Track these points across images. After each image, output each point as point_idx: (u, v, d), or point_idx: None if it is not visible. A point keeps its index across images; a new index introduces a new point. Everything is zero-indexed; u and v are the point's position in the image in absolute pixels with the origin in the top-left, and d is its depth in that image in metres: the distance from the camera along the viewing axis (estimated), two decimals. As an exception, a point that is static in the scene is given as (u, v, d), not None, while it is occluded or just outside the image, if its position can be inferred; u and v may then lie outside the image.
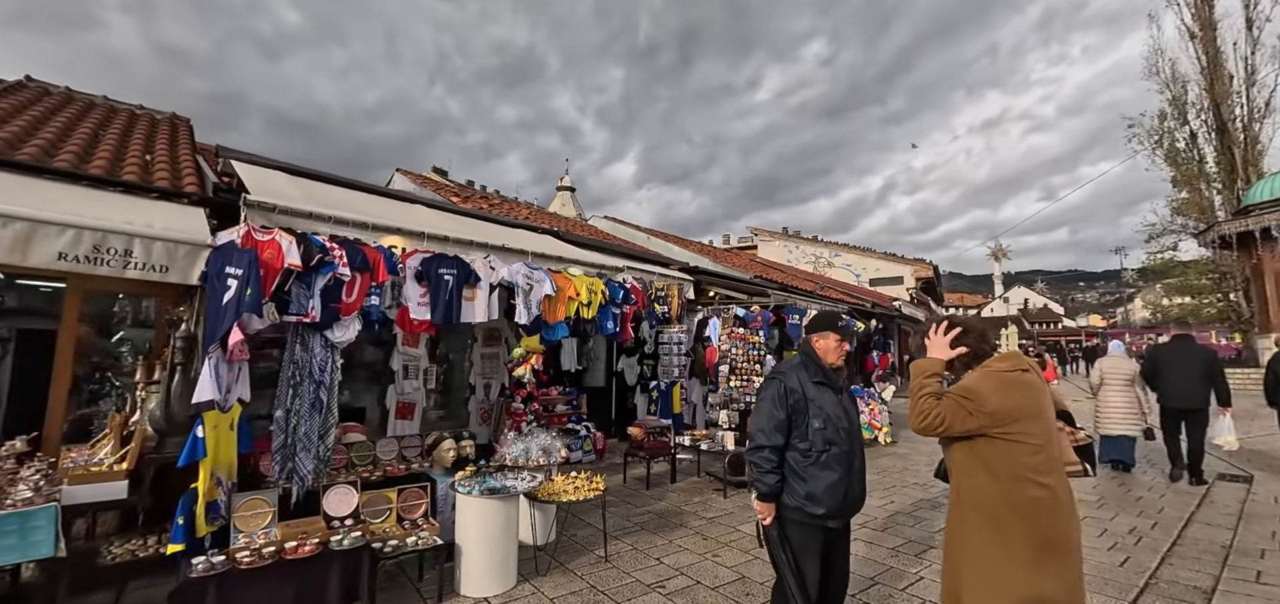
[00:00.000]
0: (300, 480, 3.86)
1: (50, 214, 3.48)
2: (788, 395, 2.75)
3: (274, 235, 3.74)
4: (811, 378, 2.82)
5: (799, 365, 2.89)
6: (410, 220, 4.83)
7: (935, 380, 2.40)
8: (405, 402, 7.24)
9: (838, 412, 2.78)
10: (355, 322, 4.07)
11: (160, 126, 7.73)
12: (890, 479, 7.53)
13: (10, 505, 3.03)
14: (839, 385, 2.89)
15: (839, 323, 3.00)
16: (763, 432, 2.75)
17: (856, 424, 2.87)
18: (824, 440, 2.70)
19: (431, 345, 8.36)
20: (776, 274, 15.45)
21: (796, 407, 2.74)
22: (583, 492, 4.47)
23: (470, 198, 10.37)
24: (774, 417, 2.73)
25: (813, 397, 2.76)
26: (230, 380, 3.60)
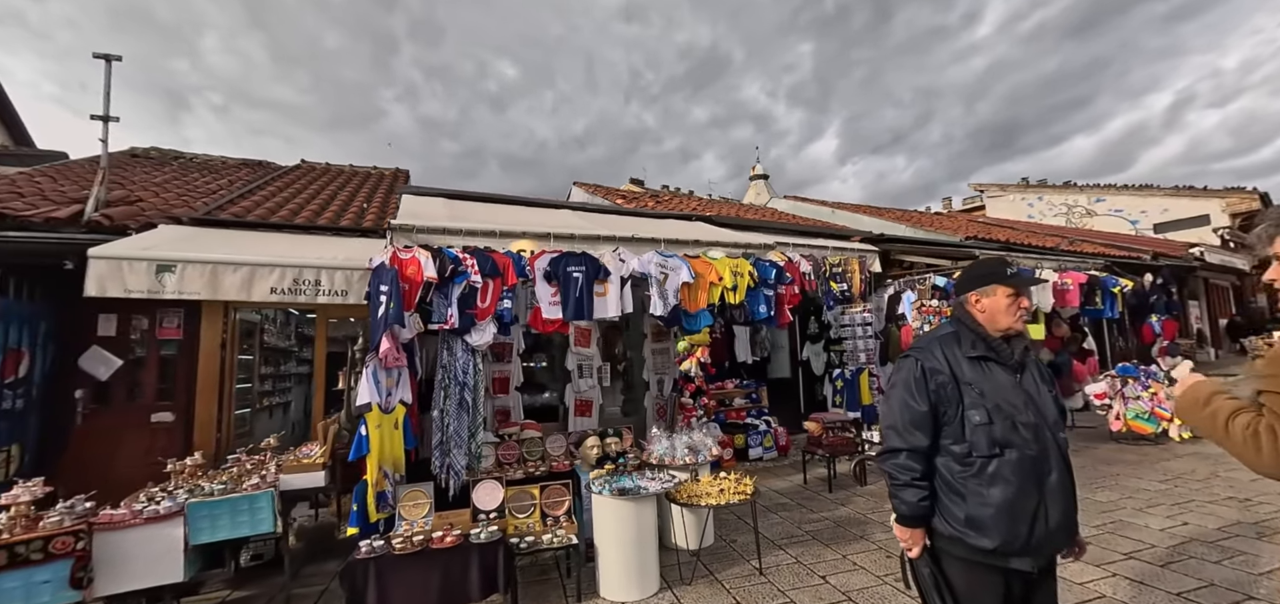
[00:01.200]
0: (455, 475, 4.14)
1: (263, 257, 4.24)
2: (928, 378, 1.96)
3: (414, 252, 4.07)
4: (967, 352, 1.98)
5: (947, 336, 2.06)
6: (537, 222, 4.92)
7: (1225, 397, 1.55)
8: (582, 400, 7.53)
9: (1014, 399, 1.90)
10: (490, 325, 4.24)
11: (384, 180, 9.35)
12: (1184, 489, 5.46)
13: (241, 490, 3.74)
14: (1015, 360, 1.99)
15: (1008, 271, 2.08)
16: (894, 429, 2.00)
17: (1051, 416, 1.95)
18: (990, 441, 1.85)
19: (605, 343, 8.66)
20: (1004, 234, 12.74)
21: (944, 394, 1.93)
22: (728, 494, 3.99)
23: (637, 199, 10.52)
24: (909, 408, 1.96)
25: (969, 379, 1.93)
26: (389, 385, 4.01)
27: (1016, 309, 2.02)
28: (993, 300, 2.04)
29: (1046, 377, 2.07)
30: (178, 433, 6.02)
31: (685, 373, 7.39)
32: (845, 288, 7.36)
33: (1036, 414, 1.90)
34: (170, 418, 6.06)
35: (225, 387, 6.27)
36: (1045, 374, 2.07)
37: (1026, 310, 2.07)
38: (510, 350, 7.31)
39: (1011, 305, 2.01)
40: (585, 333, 7.60)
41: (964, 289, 2.14)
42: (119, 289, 3.99)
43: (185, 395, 6.06)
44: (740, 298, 5.08)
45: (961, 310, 2.11)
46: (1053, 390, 2.04)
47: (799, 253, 7.01)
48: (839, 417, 6.56)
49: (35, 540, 3.20)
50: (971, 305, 2.09)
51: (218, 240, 4.90)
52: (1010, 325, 2.01)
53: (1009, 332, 2.02)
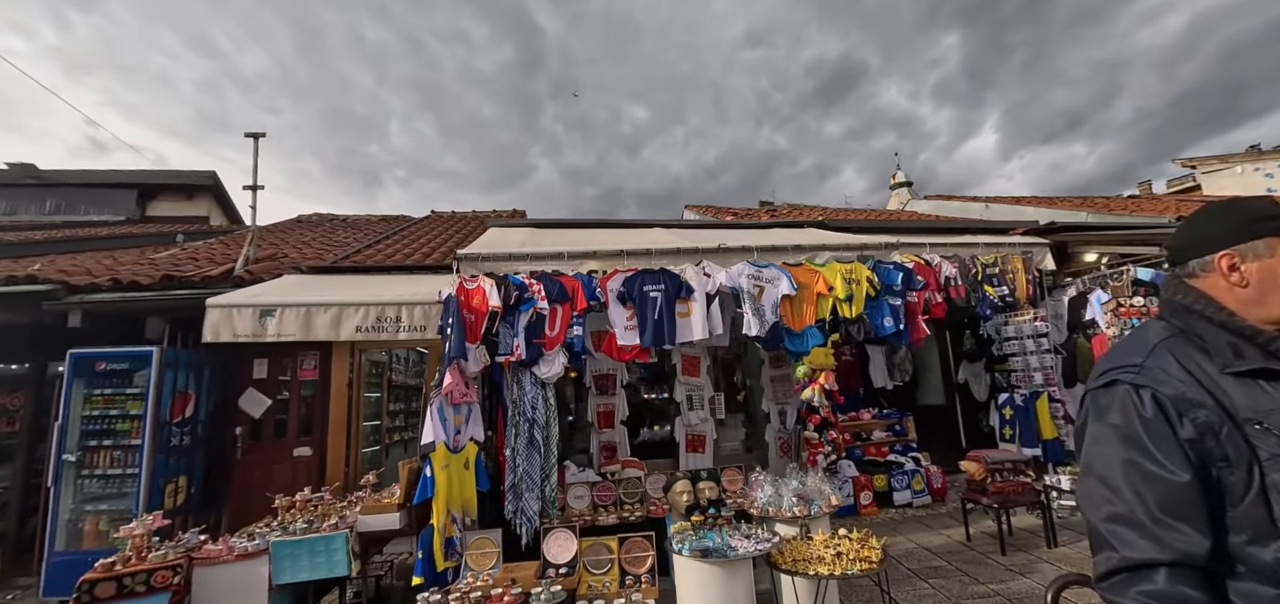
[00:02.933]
0: (527, 521, 3.76)
1: (349, 297, 4.30)
2: (1177, 417, 1.04)
3: (479, 281, 3.84)
4: (1228, 364, 1.06)
5: (1173, 340, 1.16)
6: (615, 242, 4.48)
7: None
8: (694, 434, 6.91)
9: None
10: (560, 355, 3.85)
11: (501, 219, 9.70)
12: None
13: (316, 531, 3.69)
14: None
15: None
16: (1128, 523, 1.04)
17: None
18: None
19: (716, 371, 7.96)
20: (1239, 210, 9.86)
21: (1216, 442, 1.01)
22: (846, 562, 3.09)
23: (750, 215, 9.76)
24: (1151, 475, 1.03)
25: (1254, 412, 1.00)
26: (458, 422, 3.78)
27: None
28: (1268, 266, 1.11)
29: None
30: (314, 466, 6.47)
31: (807, 403, 6.44)
32: (1006, 292, 5.95)
33: None
34: (309, 452, 6.54)
35: (352, 423, 6.67)
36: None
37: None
38: (614, 382, 6.95)
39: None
40: (694, 361, 7.00)
41: (1197, 250, 1.23)
42: (229, 334, 4.28)
43: (320, 431, 6.53)
44: (858, 310, 4.17)
45: (1188, 292, 1.20)
46: None
47: (938, 254, 5.81)
48: (1010, 454, 5.17)
49: (140, 573, 3.37)
50: (1223, 276, 1.18)
51: (326, 285, 5.17)
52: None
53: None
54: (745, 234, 5.07)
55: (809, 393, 6.35)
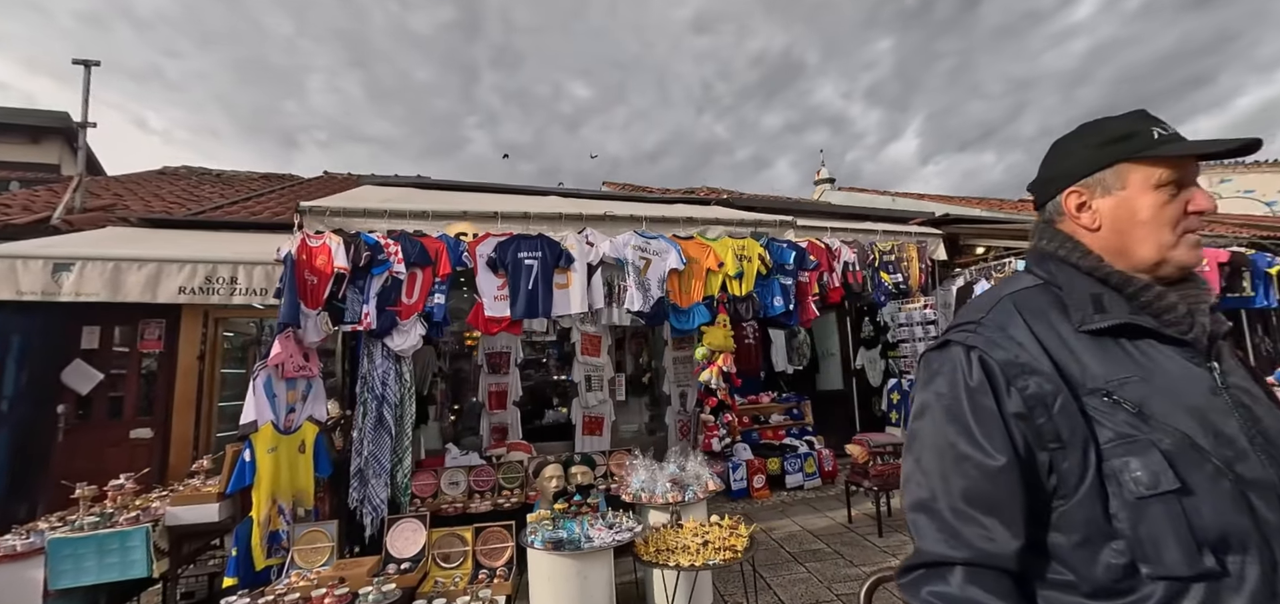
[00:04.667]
0: (373, 511, 3.34)
1: (169, 254, 3.67)
2: (1004, 386, 0.83)
3: (325, 239, 3.35)
4: (1087, 322, 0.85)
5: (1028, 292, 0.93)
6: (493, 204, 4.09)
7: None
8: (591, 416, 6.66)
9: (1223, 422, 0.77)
10: (417, 325, 3.44)
11: (397, 185, 8.97)
12: None
13: (113, 525, 3.11)
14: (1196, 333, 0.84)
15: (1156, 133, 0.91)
16: (928, 512, 0.85)
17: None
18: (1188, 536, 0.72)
19: (620, 352, 7.73)
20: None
21: (1045, 421, 0.81)
22: (709, 552, 2.90)
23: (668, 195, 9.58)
24: (962, 459, 0.83)
25: (1102, 382, 0.80)
26: (292, 399, 3.29)
27: (1187, 217, 0.87)
28: (1121, 199, 0.90)
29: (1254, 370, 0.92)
30: (155, 450, 5.68)
31: (705, 385, 6.32)
32: (900, 279, 6.06)
33: (1273, 458, 0.77)
34: (149, 434, 5.73)
35: (205, 402, 5.90)
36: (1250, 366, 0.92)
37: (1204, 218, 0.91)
38: (508, 360, 6.55)
39: (1172, 207, 0.87)
40: (594, 340, 6.73)
41: (1052, 188, 1.00)
42: (11, 291, 3.54)
43: (163, 411, 5.73)
44: (748, 287, 4.02)
45: (1054, 237, 0.98)
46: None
47: (839, 238, 5.82)
48: (890, 438, 5.26)
49: None
50: (1073, 216, 0.95)
51: (155, 240, 4.44)
52: (1171, 256, 0.87)
53: (1167, 274, 0.89)
54: (635, 204, 4.81)
55: (706, 375, 6.23)
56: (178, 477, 5.08)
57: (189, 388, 5.80)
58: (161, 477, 5.44)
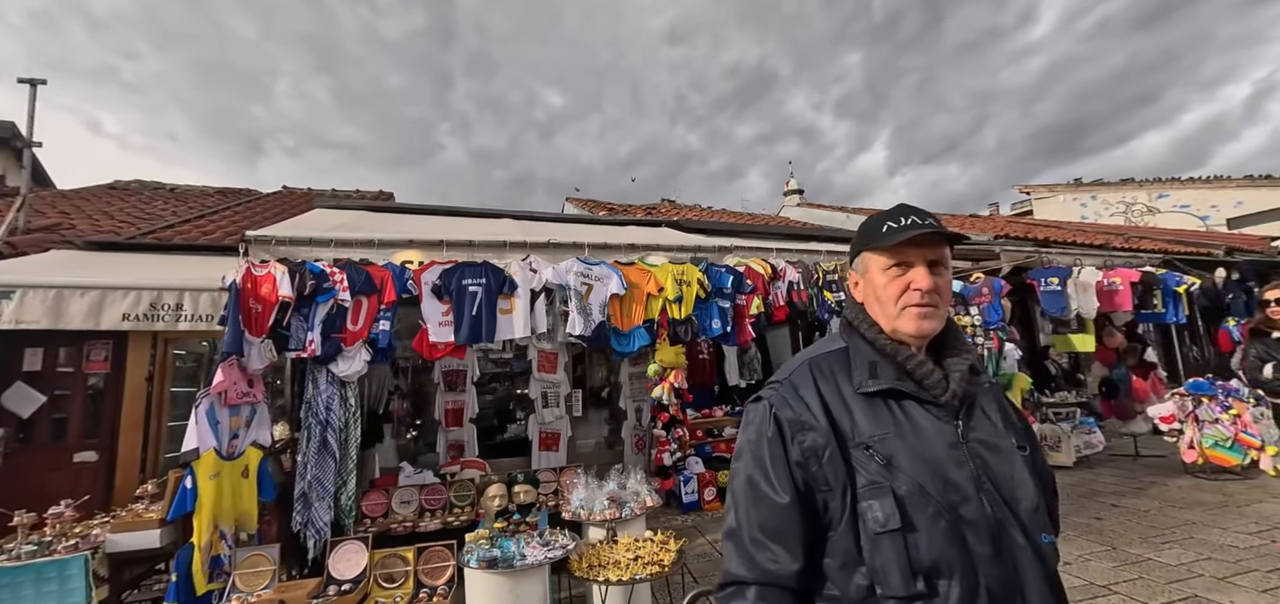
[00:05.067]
0: (316, 533, 3.43)
1: (114, 280, 3.70)
2: (789, 438, 1.05)
3: (270, 268, 3.44)
4: (862, 384, 1.08)
5: (832, 355, 1.16)
6: (439, 231, 4.22)
7: None
8: (547, 432, 6.78)
9: (953, 471, 1.00)
10: (361, 352, 3.55)
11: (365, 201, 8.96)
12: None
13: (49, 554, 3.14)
14: (951, 395, 1.07)
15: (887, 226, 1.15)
16: (734, 538, 1.07)
17: (1026, 502, 1.00)
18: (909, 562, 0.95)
19: (579, 367, 7.88)
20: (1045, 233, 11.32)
21: (818, 469, 1.03)
22: (638, 566, 3.07)
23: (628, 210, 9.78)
24: (758, 496, 1.04)
25: (867, 436, 1.03)
26: (234, 425, 3.37)
27: (906, 292, 1.08)
28: (867, 280, 1.15)
29: (1016, 422, 1.14)
30: (101, 473, 5.60)
31: (658, 400, 6.52)
32: (842, 297, 6.37)
33: (994, 503, 0.99)
34: (94, 458, 5.65)
35: (153, 424, 5.85)
36: (1012, 419, 1.14)
37: (927, 295, 1.08)
38: (464, 377, 6.65)
39: (894, 285, 1.09)
40: (551, 357, 6.87)
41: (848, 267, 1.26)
42: (-54, 320, 3.54)
43: (109, 434, 5.66)
44: (687, 311, 4.22)
45: (852, 309, 1.20)
46: (1028, 445, 1.10)
47: (784, 259, 6.10)
48: None
49: None
50: (854, 294, 1.21)
51: (103, 264, 4.45)
52: (897, 326, 1.09)
53: (915, 336, 1.10)
54: (578, 230, 4.98)
55: (658, 391, 6.47)
56: (124, 500, 5.04)
57: (137, 409, 5.75)
58: (107, 500, 5.38)
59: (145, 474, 5.67)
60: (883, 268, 1.11)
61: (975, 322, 5.01)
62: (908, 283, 1.09)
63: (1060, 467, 6.85)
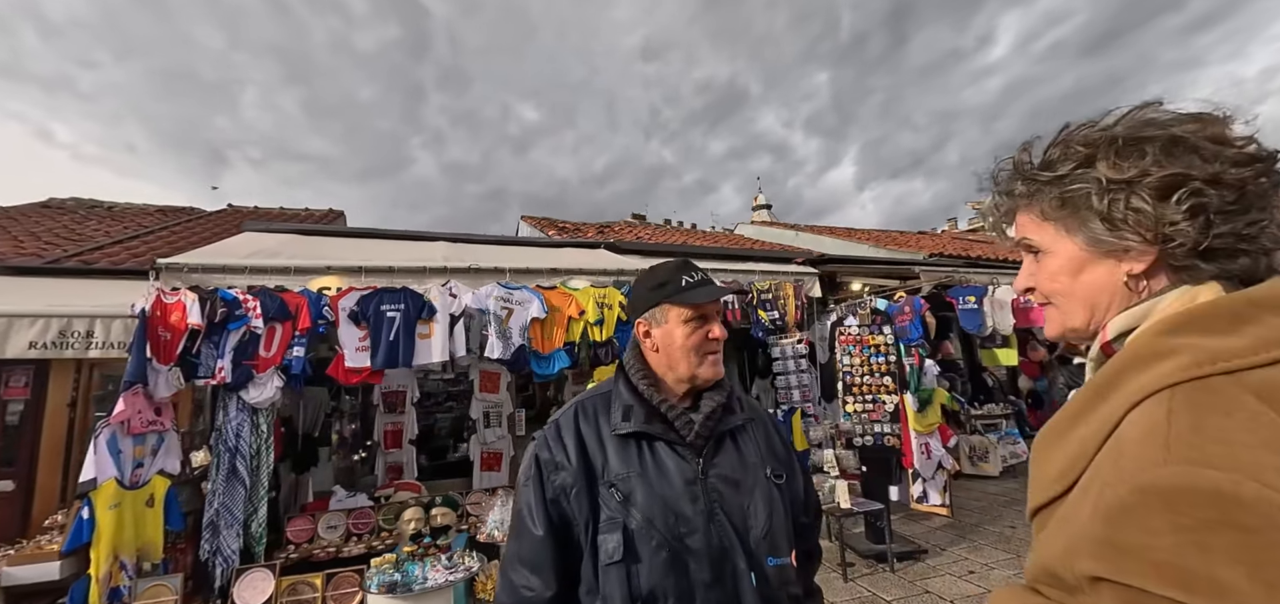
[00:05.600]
0: (224, 562, 3.42)
1: (22, 307, 3.66)
2: (545, 477, 1.18)
3: (180, 295, 3.45)
4: (618, 427, 1.20)
5: (599, 398, 1.27)
6: (355, 255, 4.28)
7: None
8: (489, 452, 6.77)
9: (685, 506, 1.12)
10: (274, 378, 3.57)
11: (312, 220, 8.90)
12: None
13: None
14: (698, 436, 1.19)
15: (685, 279, 1.29)
16: (505, 565, 1.20)
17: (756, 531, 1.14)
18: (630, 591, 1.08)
19: (518, 389, 7.92)
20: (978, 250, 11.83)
21: (569, 505, 1.15)
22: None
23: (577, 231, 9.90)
24: (523, 530, 1.17)
25: (615, 476, 1.14)
26: (138, 454, 3.35)
27: (706, 344, 1.22)
28: (665, 330, 1.25)
29: (780, 453, 1.28)
30: (18, 503, 5.43)
31: (597, 418, 6.60)
32: (777, 316, 6.58)
33: (723, 532, 1.11)
34: (10, 487, 5.48)
35: (74, 451, 5.70)
36: (777, 450, 1.28)
37: (713, 340, 1.23)
38: (404, 399, 6.64)
39: (695, 336, 1.22)
40: (493, 377, 6.89)
41: (633, 315, 1.39)
42: None
43: (27, 462, 5.49)
44: (608, 333, 4.35)
45: (631, 354, 1.31)
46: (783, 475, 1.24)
47: (719, 279, 6.29)
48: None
49: None
50: (642, 342, 1.31)
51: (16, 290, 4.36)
52: (698, 373, 1.22)
53: (699, 383, 1.25)
54: (502, 254, 5.07)
55: (597, 410, 6.56)
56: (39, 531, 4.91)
57: (57, 436, 5.59)
58: (24, 529, 5.22)
59: (66, 502, 5.52)
60: (683, 320, 1.23)
61: (887, 340, 5.24)
62: (706, 333, 1.24)
63: (986, 476, 7.16)
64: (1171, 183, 0.63)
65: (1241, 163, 0.62)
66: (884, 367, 5.17)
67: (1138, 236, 0.65)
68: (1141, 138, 0.66)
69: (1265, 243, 0.61)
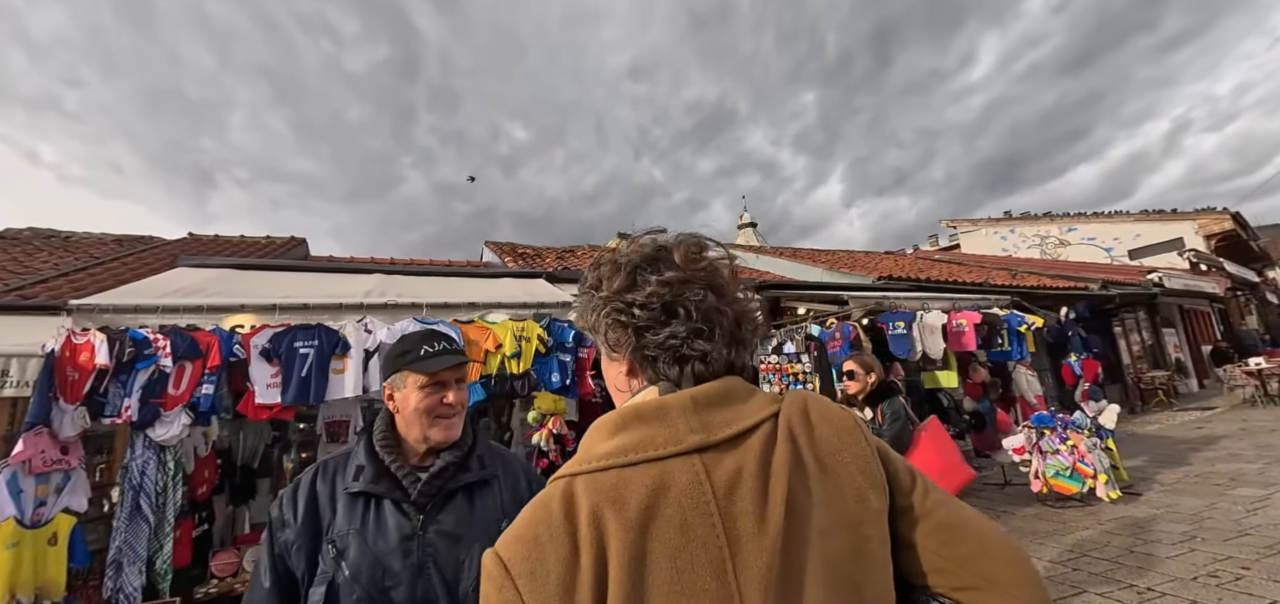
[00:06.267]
0: (127, 599, 3.48)
1: (-66, 348, 3.72)
2: (274, 535, 1.29)
3: (90, 336, 3.54)
4: (348, 487, 1.30)
5: (339, 461, 1.39)
6: (278, 290, 4.39)
7: None
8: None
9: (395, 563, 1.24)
10: (181, 416, 3.66)
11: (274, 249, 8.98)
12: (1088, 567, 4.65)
13: None
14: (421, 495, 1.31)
15: (424, 349, 1.40)
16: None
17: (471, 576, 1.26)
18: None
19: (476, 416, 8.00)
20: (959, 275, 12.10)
21: (290, 559, 1.27)
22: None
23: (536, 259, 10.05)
24: (256, 585, 1.28)
25: (338, 532, 1.26)
26: (41, 493, 3.42)
27: (440, 407, 1.35)
28: (404, 395, 1.37)
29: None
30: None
31: (537, 447, 6.69)
32: (716, 342, 6.72)
33: (429, 586, 1.22)
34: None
35: None
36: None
37: (456, 407, 1.38)
38: (347, 428, 6.69)
39: (428, 401, 1.34)
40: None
41: (381, 379, 1.51)
42: None
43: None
44: (526, 366, 4.47)
45: (381, 415, 1.44)
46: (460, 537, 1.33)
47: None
48: None
49: None
50: (387, 404, 1.43)
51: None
52: (430, 435, 1.35)
53: (433, 444, 1.37)
54: (421, 287, 5.20)
55: (537, 437, 6.63)
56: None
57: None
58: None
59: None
60: (419, 386, 1.36)
61: (805, 369, 5.39)
62: (441, 398, 1.37)
63: (929, 497, 7.28)
64: (614, 303, 0.77)
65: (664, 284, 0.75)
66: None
67: (607, 344, 0.80)
68: (602, 262, 0.81)
69: (687, 352, 0.74)
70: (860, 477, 0.69)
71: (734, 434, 0.68)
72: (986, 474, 7.77)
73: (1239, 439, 8.84)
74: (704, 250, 0.79)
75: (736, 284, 0.82)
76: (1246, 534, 5.07)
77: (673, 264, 0.76)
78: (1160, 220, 19.45)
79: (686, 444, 0.66)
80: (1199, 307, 15.74)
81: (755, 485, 0.65)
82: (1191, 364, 14.81)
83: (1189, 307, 15.03)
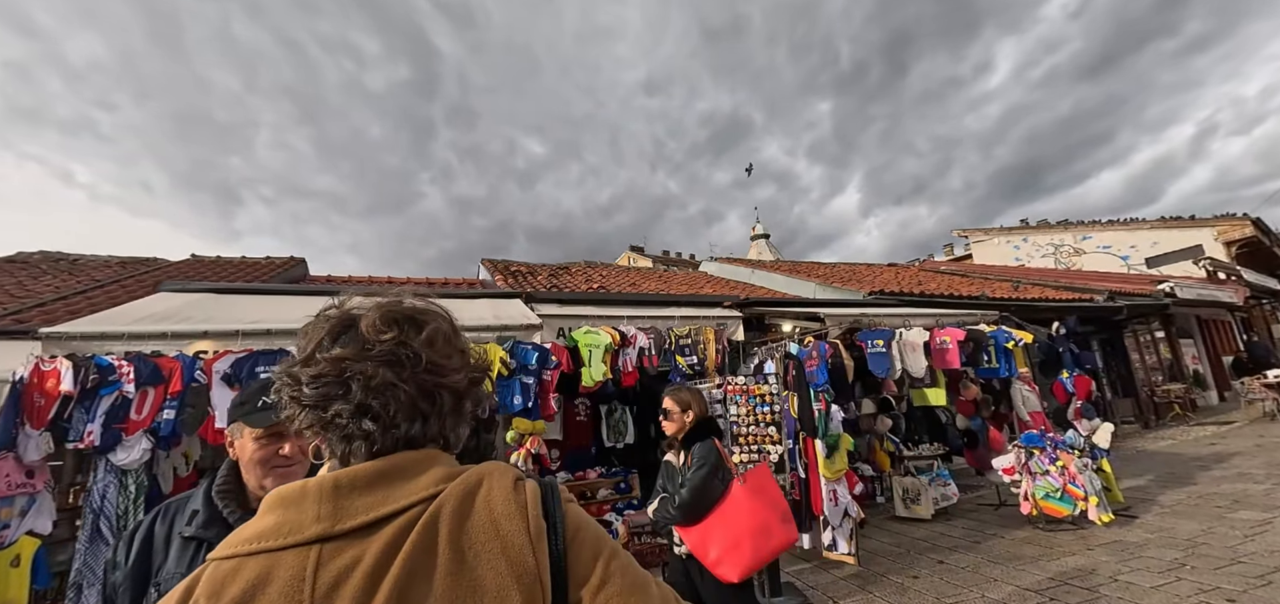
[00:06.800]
0: (86, 622, 3.56)
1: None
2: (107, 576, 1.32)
3: (57, 363, 3.66)
4: (184, 530, 1.33)
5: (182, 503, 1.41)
6: (246, 314, 4.49)
7: None
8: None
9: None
10: (142, 441, 3.75)
11: (275, 270, 9.20)
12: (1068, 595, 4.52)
13: None
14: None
15: (261, 401, 1.41)
16: None
17: None
18: None
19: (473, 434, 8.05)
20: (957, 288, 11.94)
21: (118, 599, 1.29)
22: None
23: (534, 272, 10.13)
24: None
25: (166, 575, 1.28)
26: (6, 516, 3.53)
27: (274, 459, 1.37)
28: (241, 444, 1.40)
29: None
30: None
31: (517, 465, 6.71)
32: (695, 361, 6.70)
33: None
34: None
35: None
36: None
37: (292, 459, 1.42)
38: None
39: (263, 452, 1.37)
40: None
41: (226, 426, 1.54)
42: None
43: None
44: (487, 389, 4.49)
45: (226, 463, 1.47)
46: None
47: (635, 325, 6.45)
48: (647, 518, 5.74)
49: None
50: (229, 451, 1.46)
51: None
52: (264, 484, 1.35)
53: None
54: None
55: (515, 457, 6.67)
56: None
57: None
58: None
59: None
60: (254, 437, 1.39)
61: (771, 389, 5.34)
62: (276, 450, 1.40)
63: (918, 519, 7.10)
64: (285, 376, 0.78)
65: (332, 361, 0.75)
66: (769, 417, 5.26)
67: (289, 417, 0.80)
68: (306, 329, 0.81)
69: (353, 430, 0.74)
70: (506, 573, 0.66)
71: (367, 522, 0.67)
72: (980, 494, 7.58)
73: (1252, 457, 8.52)
74: (394, 323, 0.78)
75: (445, 351, 0.82)
76: (1239, 562, 4.87)
77: (355, 337, 0.76)
78: (1178, 227, 18.90)
79: (308, 534, 0.65)
80: (1219, 316, 15.24)
81: (362, 584, 0.62)
82: (1211, 376, 14.33)
83: (1208, 316, 14.56)
